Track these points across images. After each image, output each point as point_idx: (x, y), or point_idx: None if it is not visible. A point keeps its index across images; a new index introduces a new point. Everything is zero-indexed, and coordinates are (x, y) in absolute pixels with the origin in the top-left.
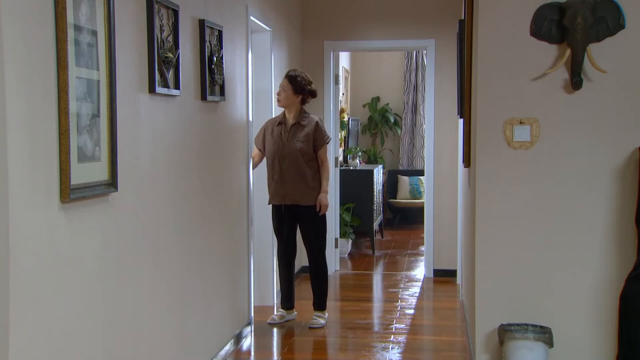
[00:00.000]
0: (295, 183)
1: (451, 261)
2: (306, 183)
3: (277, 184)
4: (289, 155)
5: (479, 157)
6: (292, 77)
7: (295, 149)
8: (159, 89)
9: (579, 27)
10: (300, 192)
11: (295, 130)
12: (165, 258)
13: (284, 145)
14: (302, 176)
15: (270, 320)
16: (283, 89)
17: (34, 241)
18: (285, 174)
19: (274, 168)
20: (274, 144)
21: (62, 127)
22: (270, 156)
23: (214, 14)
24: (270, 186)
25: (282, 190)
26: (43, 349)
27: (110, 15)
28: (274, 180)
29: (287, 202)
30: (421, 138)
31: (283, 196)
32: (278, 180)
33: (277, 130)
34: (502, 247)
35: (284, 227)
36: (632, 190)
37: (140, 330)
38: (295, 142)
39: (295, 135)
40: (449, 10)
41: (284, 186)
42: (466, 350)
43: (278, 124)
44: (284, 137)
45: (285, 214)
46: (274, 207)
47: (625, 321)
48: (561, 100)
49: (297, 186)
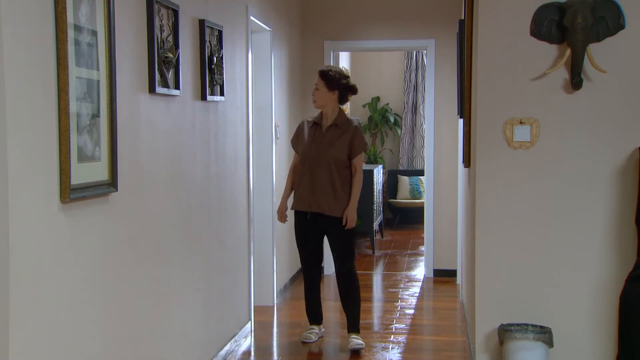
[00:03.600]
0: (324, 191)
1: (451, 261)
2: (335, 192)
3: (305, 190)
4: (322, 161)
5: (479, 157)
6: (324, 73)
7: (330, 154)
8: (159, 89)
9: (579, 27)
10: (327, 201)
11: (332, 133)
12: (165, 258)
13: (318, 149)
14: (332, 184)
15: (304, 339)
16: (316, 87)
17: (34, 241)
18: (315, 180)
19: (304, 172)
20: (307, 146)
21: (62, 127)
22: (302, 159)
23: (214, 14)
24: (297, 191)
25: (309, 196)
26: (43, 349)
27: (110, 15)
28: (301, 185)
29: (313, 209)
30: (421, 138)
31: (309, 203)
32: (307, 186)
33: (312, 132)
34: (502, 247)
35: (309, 236)
36: (632, 190)
37: (140, 330)
38: (330, 146)
39: (331, 139)
40: (449, 10)
41: (312, 193)
42: (466, 350)
43: (313, 125)
44: (318, 140)
45: (310, 222)
46: (297, 215)
47: (625, 321)
48: (561, 100)
49: (326, 195)
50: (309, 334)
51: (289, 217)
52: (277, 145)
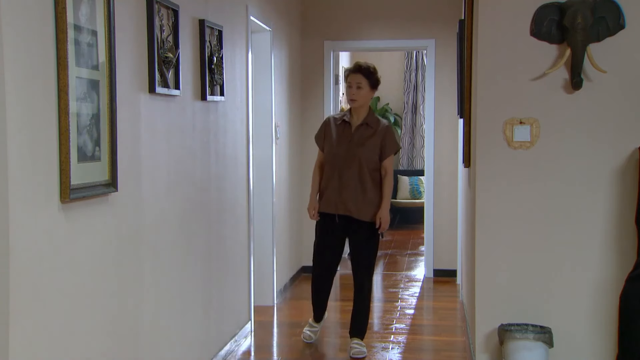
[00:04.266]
0: (353, 193)
1: (451, 261)
2: (365, 195)
3: (333, 191)
4: (352, 161)
5: (479, 157)
6: (368, 71)
7: (360, 154)
8: (159, 89)
9: (579, 27)
10: (356, 203)
11: (362, 132)
12: (165, 258)
13: (347, 148)
14: (362, 186)
15: (306, 338)
16: (358, 86)
17: (34, 241)
18: (344, 181)
19: (332, 173)
20: (337, 145)
21: (62, 127)
22: (331, 159)
23: (214, 14)
24: (324, 192)
25: (337, 198)
26: (43, 349)
27: (110, 15)
28: (329, 186)
29: (340, 211)
30: (421, 138)
31: (336, 205)
32: (335, 187)
33: (340, 130)
34: (502, 247)
35: (333, 240)
36: (632, 190)
37: (140, 330)
38: (360, 146)
39: (362, 138)
40: (449, 10)
41: (340, 194)
42: (466, 350)
43: (342, 123)
44: (348, 139)
45: (337, 226)
46: (323, 216)
47: (625, 321)
48: (561, 100)
49: (355, 197)
50: (311, 333)
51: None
52: (277, 145)
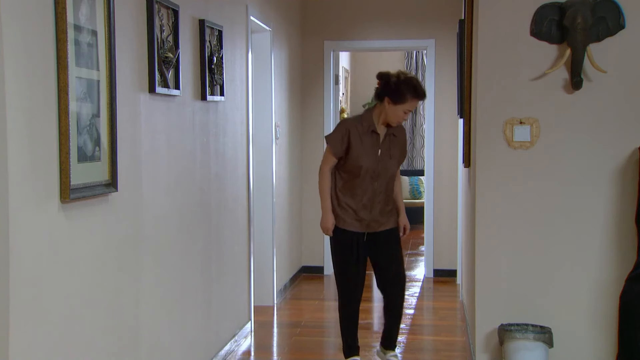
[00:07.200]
0: (381, 208)
1: (451, 261)
2: (387, 205)
3: (364, 209)
4: (383, 176)
5: (479, 157)
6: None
7: (390, 168)
8: (159, 89)
9: (579, 27)
10: (382, 216)
11: (389, 143)
12: (165, 258)
13: (378, 161)
14: (386, 199)
15: None
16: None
17: (34, 241)
18: (375, 197)
19: (362, 188)
20: (366, 156)
21: (62, 127)
22: (358, 173)
23: (214, 14)
24: (349, 208)
25: (368, 216)
26: (43, 349)
27: (110, 15)
28: (360, 202)
29: (371, 230)
30: (421, 138)
31: (368, 225)
32: (366, 204)
33: (369, 140)
34: (502, 247)
35: (360, 258)
36: (632, 190)
37: (140, 330)
38: (391, 159)
39: (390, 149)
40: (449, 10)
41: (371, 212)
42: (466, 350)
43: (369, 133)
44: (377, 152)
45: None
46: (344, 234)
47: (625, 321)
48: (561, 100)
49: (381, 211)
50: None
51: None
52: (277, 145)
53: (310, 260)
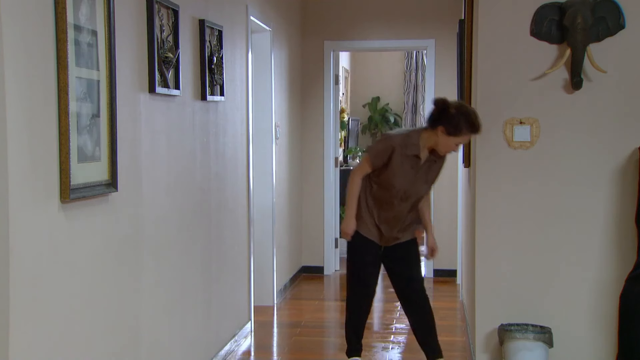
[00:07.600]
0: (404, 224)
1: (451, 261)
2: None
3: (387, 226)
4: (413, 197)
5: (479, 157)
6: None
7: (423, 191)
8: (159, 89)
9: (579, 27)
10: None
11: (428, 168)
12: (165, 258)
13: (412, 184)
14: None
15: None
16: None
17: (34, 241)
18: (400, 217)
19: (390, 203)
20: (402, 178)
21: (62, 127)
22: (393, 192)
23: (214, 14)
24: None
25: (389, 232)
26: (43, 349)
27: (110, 15)
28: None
29: (386, 244)
30: None
31: (388, 240)
32: (390, 222)
33: (409, 163)
34: (502, 247)
35: (377, 264)
36: (632, 190)
37: (140, 330)
38: (425, 183)
39: (427, 174)
40: (449, 10)
41: (392, 229)
42: (466, 350)
43: (412, 156)
44: (415, 174)
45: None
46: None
47: (625, 321)
48: (561, 100)
49: (404, 226)
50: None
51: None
52: (277, 145)
53: (310, 260)
